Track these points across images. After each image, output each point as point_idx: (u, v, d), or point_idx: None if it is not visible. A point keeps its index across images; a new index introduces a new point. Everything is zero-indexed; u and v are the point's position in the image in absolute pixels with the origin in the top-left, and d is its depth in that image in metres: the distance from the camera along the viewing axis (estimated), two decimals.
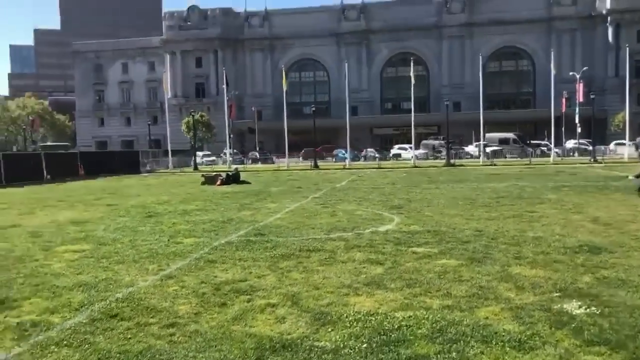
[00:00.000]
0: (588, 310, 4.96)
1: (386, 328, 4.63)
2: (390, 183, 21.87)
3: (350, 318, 4.90)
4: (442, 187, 18.91)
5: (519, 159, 46.43)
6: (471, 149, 57.41)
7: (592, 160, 38.09)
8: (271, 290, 5.90)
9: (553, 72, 44.31)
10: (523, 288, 5.79)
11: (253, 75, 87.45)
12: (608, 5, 74.78)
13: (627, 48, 50.21)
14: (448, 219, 11.02)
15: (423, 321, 4.78)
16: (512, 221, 10.49)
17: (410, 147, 59.27)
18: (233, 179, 22.60)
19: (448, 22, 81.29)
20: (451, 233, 9.26)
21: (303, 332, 4.61)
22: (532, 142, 57.54)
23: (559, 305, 5.12)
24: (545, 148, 53.16)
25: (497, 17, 78.79)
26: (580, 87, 53.64)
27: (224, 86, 51.81)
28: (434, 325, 4.69)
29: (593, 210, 11.74)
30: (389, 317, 4.91)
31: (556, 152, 53.62)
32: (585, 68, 64.79)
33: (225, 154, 51.17)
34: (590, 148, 52.41)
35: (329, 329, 4.66)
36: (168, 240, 9.05)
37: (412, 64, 45.62)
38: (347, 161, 44.87)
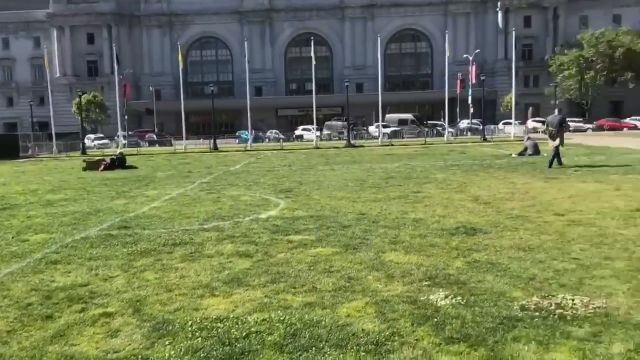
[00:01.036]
0: (454, 300, 4.68)
1: (233, 337, 4.05)
2: (287, 165, 21.39)
3: (195, 326, 4.28)
4: (337, 169, 18.71)
5: (416, 139, 47.72)
6: (372, 129, 58.36)
7: (482, 139, 39.87)
8: (114, 295, 5.13)
9: (447, 54, 45.70)
10: (393, 277, 5.45)
11: (151, 53, 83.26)
12: None
13: (514, 32, 52.62)
14: (335, 202, 10.68)
15: (277, 325, 4.27)
16: (396, 202, 10.33)
17: (314, 128, 59.42)
18: (118, 163, 21.07)
19: (350, 3, 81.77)
20: (334, 217, 8.88)
21: (134, 349, 3.93)
22: (428, 122, 59.54)
23: (425, 297, 4.81)
24: (441, 128, 55.13)
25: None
26: (472, 70, 56.11)
27: (116, 64, 48.61)
28: (288, 329, 4.18)
29: (475, 189, 11.90)
30: (239, 322, 4.34)
31: (450, 132, 55.83)
32: (477, 51, 67.79)
33: (119, 136, 48.24)
34: (479, 126, 55.26)
35: (167, 342, 4.01)
36: (12, 237, 7.91)
37: (312, 44, 44.84)
38: (249, 142, 43.85)
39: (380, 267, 5.81)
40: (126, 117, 56.23)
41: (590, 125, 59.26)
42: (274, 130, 61.49)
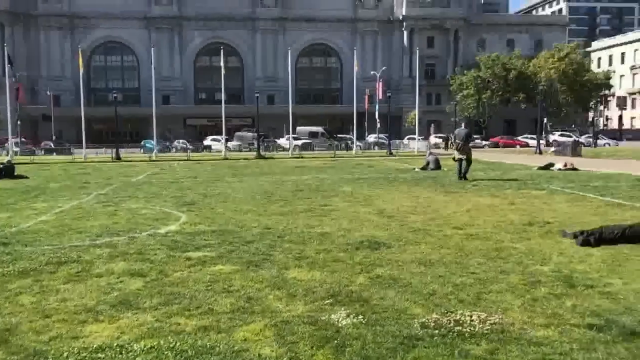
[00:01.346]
0: (355, 319, 4.56)
1: None
2: (193, 176, 20.69)
3: (71, 358, 3.83)
4: (245, 181, 18.33)
5: (326, 151, 48.24)
6: (283, 141, 58.34)
7: (388, 153, 41.03)
8: None
9: (355, 69, 46.84)
10: (295, 296, 5.25)
11: (49, 56, 78.25)
12: (404, 12, 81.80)
13: (418, 52, 55.00)
14: (240, 215, 10.35)
15: (166, 353, 3.91)
16: (303, 216, 10.19)
17: (224, 139, 58.43)
18: (5, 172, 19.35)
19: (261, 15, 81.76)
20: (237, 232, 8.57)
21: None
22: (338, 136, 60.54)
23: (327, 316, 4.65)
24: (350, 142, 56.20)
25: (308, 14, 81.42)
26: (380, 86, 57.82)
27: (8, 66, 45.07)
28: (178, 357, 3.85)
29: (381, 203, 12.05)
30: (124, 352, 3.94)
31: (359, 146, 57.15)
32: (384, 68, 69.98)
33: (10, 143, 44.59)
34: (386, 141, 57.06)
35: None
36: None
37: (222, 53, 44.15)
38: (154, 152, 42.18)
39: (282, 285, 5.59)
40: (19, 122, 52.19)
41: (486, 142, 62.89)
42: (181, 140, 59.75)
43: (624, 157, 32.31)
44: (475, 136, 65.91)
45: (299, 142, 57.76)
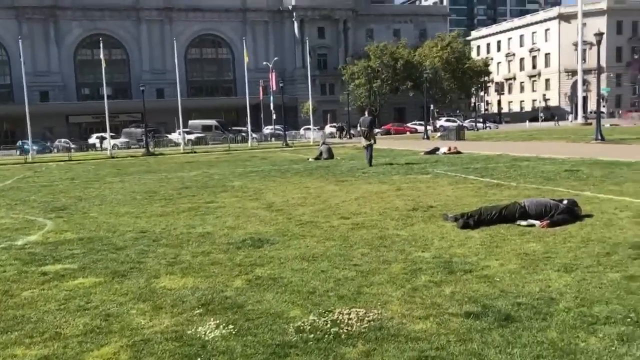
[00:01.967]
0: (225, 330, 4.13)
1: None
2: (70, 178, 19.07)
3: None
4: (128, 180, 17.15)
5: (221, 145, 47.09)
6: (175, 136, 56.18)
7: (284, 144, 40.83)
8: None
9: (246, 60, 46.00)
10: (161, 308, 4.72)
11: None
12: (293, 2, 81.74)
13: (308, 42, 55.23)
14: (115, 219, 9.51)
15: None
16: (185, 215, 9.57)
17: (109, 136, 55.24)
18: None
19: (145, 5, 78.05)
20: (108, 238, 7.79)
21: None
22: (233, 128, 59.41)
23: (194, 329, 4.18)
24: (246, 134, 55.36)
25: (195, 4, 78.96)
26: (272, 77, 57.34)
27: None
28: None
29: (270, 196, 11.69)
30: None
31: (255, 138, 56.44)
32: (276, 58, 69.53)
33: None
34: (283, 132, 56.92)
35: None
36: None
37: (101, 45, 41.40)
38: (29, 154, 38.71)
39: (148, 297, 5.03)
40: None
41: (379, 130, 64.63)
42: (63, 140, 55.57)
43: (502, 139, 34.52)
44: None
45: (192, 137, 55.98)
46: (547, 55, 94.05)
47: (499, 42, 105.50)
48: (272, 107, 58.40)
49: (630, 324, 3.89)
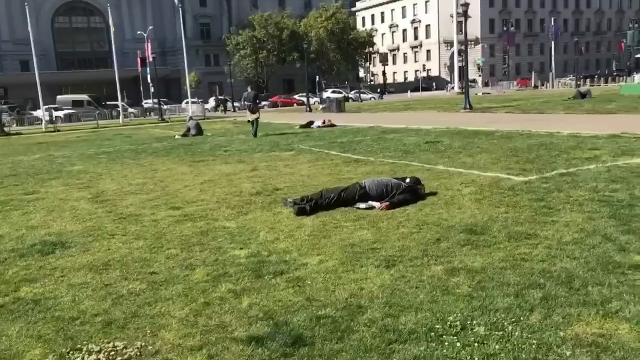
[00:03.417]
0: None
1: None
2: None
3: None
4: None
5: (93, 122, 43.48)
6: (40, 113, 51.18)
7: (159, 119, 38.51)
8: None
9: (112, 30, 42.54)
10: None
11: None
12: None
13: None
14: None
15: None
16: None
17: None
18: None
19: None
20: None
21: None
22: (108, 103, 55.31)
23: None
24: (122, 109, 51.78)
25: None
26: (148, 47, 53.66)
27: None
28: None
29: (106, 183, 10.30)
30: None
31: (132, 113, 53.04)
32: (150, 27, 65.36)
33: None
34: (164, 106, 54.01)
35: None
36: None
37: None
38: None
39: None
40: None
41: (266, 102, 63.45)
42: None
43: (381, 110, 34.82)
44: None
45: (61, 114, 51.45)
46: (427, 26, 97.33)
47: (382, 13, 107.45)
48: (149, 80, 54.83)
49: (433, 340, 3.27)
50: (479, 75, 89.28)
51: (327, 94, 62.63)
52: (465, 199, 6.97)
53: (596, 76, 73.30)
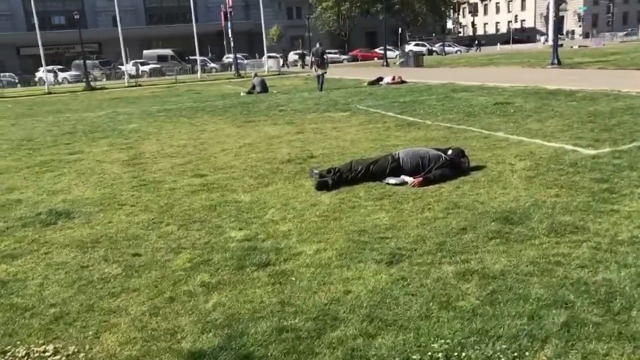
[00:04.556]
0: None
1: None
2: None
3: None
4: (22, 123, 15.34)
5: (177, 76, 44.57)
6: (129, 67, 53.16)
7: (235, 75, 38.61)
8: None
9: None
10: None
11: None
12: None
13: None
14: None
15: None
16: (25, 173, 8.06)
17: (56, 70, 52.48)
18: None
19: None
20: None
21: None
22: (190, 58, 56.37)
23: None
24: (203, 63, 52.64)
25: None
26: (229, 0, 53.64)
27: None
28: None
29: (151, 144, 10.15)
30: None
31: (214, 68, 53.88)
32: None
33: None
34: (244, 61, 54.31)
35: None
36: None
37: None
38: None
39: None
40: None
41: (345, 57, 62.16)
42: (7, 74, 52.39)
43: (461, 65, 32.71)
44: (333, 51, 65.35)
45: (146, 68, 53.28)
46: None
47: None
48: (230, 34, 55.06)
49: None
50: (579, 26, 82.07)
51: (410, 47, 60.09)
52: (514, 177, 6.00)
53: None
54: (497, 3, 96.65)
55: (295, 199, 5.79)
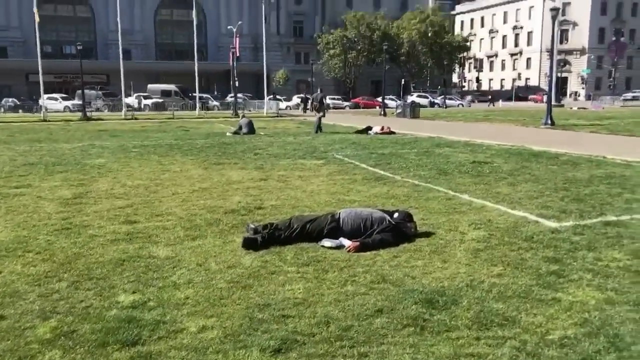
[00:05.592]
0: None
1: None
2: None
3: None
4: None
5: (182, 111, 44.70)
6: (131, 100, 53.44)
7: (233, 114, 38.61)
8: None
9: (195, 21, 43.32)
10: None
11: None
12: None
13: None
14: None
15: None
16: None
17: (60, 98, 52.99)
18: None
19: None
20: None
21: None
22: (193, 94, 56.77)
23: None
24: (206, 101, 52.99)
25: None
26: (236, 41, 54.44)
27: None
28: None
29: (107, 182, 9.65)
30: None
31: (216, 105, 54.20)
32: (240, 22, 66.28)
33: None
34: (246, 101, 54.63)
35: None
36: None
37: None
38: None
39: None
40: None
41: (348, 103, 62.51)
42: (10, 99, 52.75)
43: (458, 119, 32.51)
44: (337, 97, 65.80)
45: (149, 102, 53.59)
46: (529, 33, 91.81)
47: (482, 17, 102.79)
48: (234, 74, 55.59)
49: None
50: (582, 88, 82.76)
51: (412, 97, 60.42)
52: (460, 248, 5.44)
53: None
54: (502, 60, 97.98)
55: (215, 258, 5.22)
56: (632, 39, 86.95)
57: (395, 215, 5.93)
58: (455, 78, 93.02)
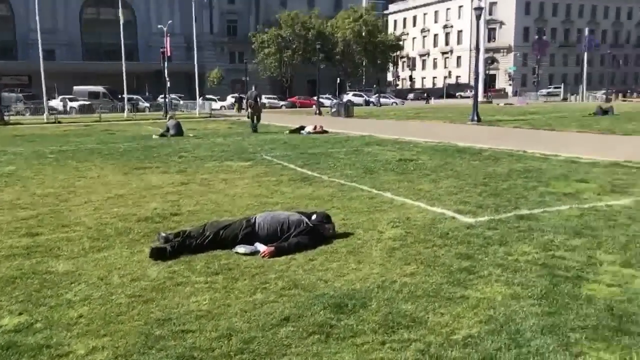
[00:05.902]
0: None
1: None
2: None
3: None
4: None
5: (110, 114, 42.98)
6: (56, 103, 50.97)
7: (163, 115, 37.56)
8: None
9: (121, 21, 41.81)
10: None
11: None
12: None
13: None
14: None
15: None
16: None
17: None
18: None
19: None
20: None
21: None
22: (123, 96, 54.84)
23: None
24: (135, 102, 51.32)
25: None
26: (168, 41, 53.03)
27: None
28: None
29: (9, 193, 9.01)
30: None
31: (147, 107, 52.61)
32: (170, 22, 64.69)
33: None
34: (180, 102, 53.46)
35: None
36: None
37: None
38: None
39: None
40: None
41: (284, 102, 62.33)
42: None
43: (390, 117, 33.01)
44: (272, 96, 65.50)
45: (76, 104, 51.34)
46: (459, 32, 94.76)
47: (414, 17, 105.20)
48: (166, 74, 54.14)
49: None
50: (509, 85, 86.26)
51: (348, 97, 60.91)
52: (376, 248, 5.38)
53: (629, 91, 69.73)
54: (435, 59, 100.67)
55: (119, 271, 4.91)
56: (554, 37, 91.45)
57: (313, 217, 5.80)
58: (389, 77, 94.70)
